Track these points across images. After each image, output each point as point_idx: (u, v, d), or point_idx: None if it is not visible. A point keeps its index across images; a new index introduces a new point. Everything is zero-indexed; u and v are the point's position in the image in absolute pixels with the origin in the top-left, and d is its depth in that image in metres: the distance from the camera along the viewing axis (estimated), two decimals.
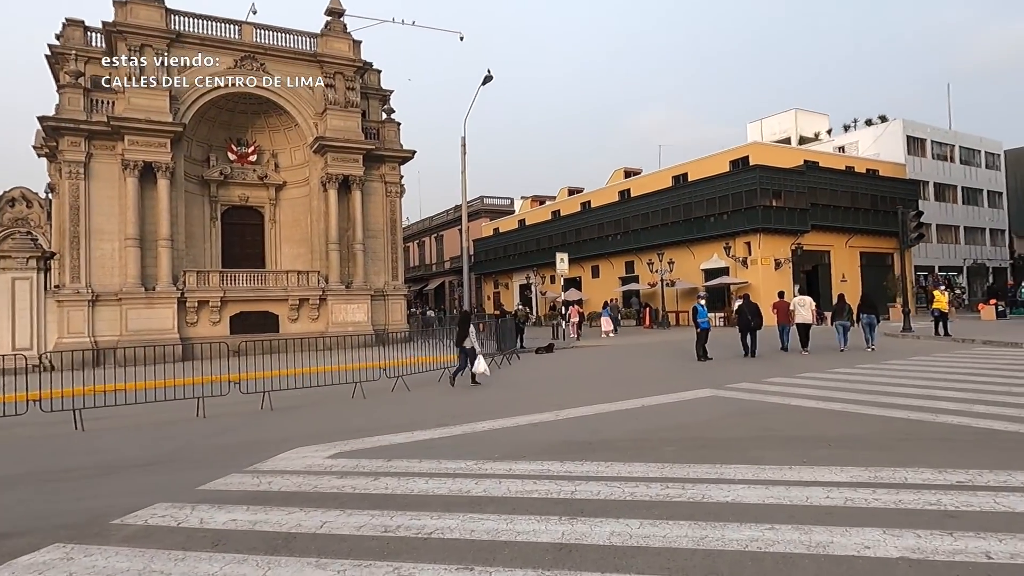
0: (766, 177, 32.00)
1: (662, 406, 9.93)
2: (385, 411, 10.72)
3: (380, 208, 31.84)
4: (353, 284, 29.82)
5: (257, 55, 28.76)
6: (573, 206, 47.33)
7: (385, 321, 30.77)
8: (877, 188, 36.62)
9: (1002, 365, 13.33)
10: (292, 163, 31.54)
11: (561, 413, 9.54)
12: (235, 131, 30.78)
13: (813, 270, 35.17)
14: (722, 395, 10.72)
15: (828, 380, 11.91)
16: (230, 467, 6.85)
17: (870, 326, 18.07)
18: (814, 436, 7.34)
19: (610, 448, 7.14)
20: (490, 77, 23.53)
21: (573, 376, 15.10)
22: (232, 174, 30.44)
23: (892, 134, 41.14)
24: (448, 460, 6.79)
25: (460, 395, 12.40)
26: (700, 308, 16.88)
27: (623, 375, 14.71)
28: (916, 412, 8.43)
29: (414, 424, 9.10)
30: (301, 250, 31.10)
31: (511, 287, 53.67)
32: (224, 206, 30.67)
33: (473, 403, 11.29)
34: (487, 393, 12.56)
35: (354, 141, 29.69)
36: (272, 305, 28.59)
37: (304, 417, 10.42)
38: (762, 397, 10.26)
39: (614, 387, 12.44)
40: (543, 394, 12.08)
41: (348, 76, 30.50)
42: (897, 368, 13.45)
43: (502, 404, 10.93)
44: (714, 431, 7.90)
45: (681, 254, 35.43)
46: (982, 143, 46.24)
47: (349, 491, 5.78)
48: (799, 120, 49.04)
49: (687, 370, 14.92)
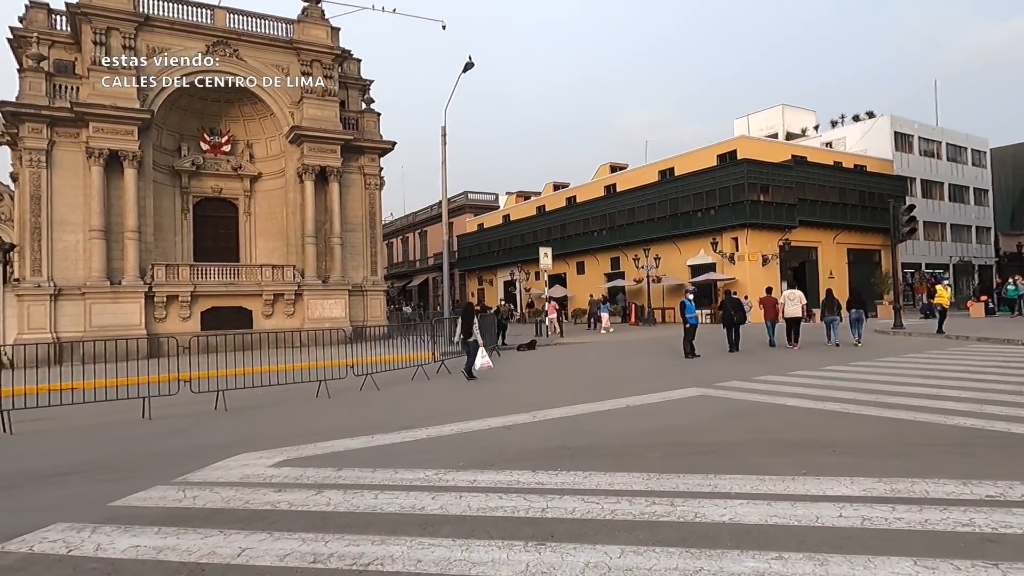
0: (754, 171, 31.42)
1: (648, 406, 9.18)
2: (348, 412, 9.88)
3: (359, 201, 30.89)
4: (330, 279, 28.88)
5: (230, 41, 27.70)
6: (558, 201, 46.59)
7: (364, 317, 29.86)
8: (865, 184, 36.19)
9: (1003, 363, 12.73)
10: (268, 154, 30.51)
11: (539, 414, 8.77)
12: (208, 120, 29.70)
13: (800, 267, 34.67)
14: (712, 394, 10.00)
15: (822, 378, 11.23)
16: (157, 477, 6.01)
17: (858, 321, 17.91)
18: (815, 440, 6.62)
19: (590, 454, 6.38)
20: (471, 64, 22.68)
21: (554, 374, 14.34)
22: (205, 165, 29.36)
23: (879, 130, 40.78)
24: (405, 469, 5.99)
25: (431, 395, 11.60)
26: (688, 303, 16.19)
27: (607, 373, 13.97)
28: (923, 413, 7.74)
29: (376, 427, 8.29)
30: (277, 244, 30.09)
31: (495, 283, 52.86)
32: (196, 198, 29.58)
33: (444, 403, 10.50)
34: (460, 392, 11.78)
35: (331, 131, 28.73)
36: (246, 300, 27.59)
37: (258, 419, 9.57)
38: (754, 396, 9.55)
39: (597, 386, 11.70)
40: (521, 393, 11.30)
41: (326, 64, 29.53)
42: (893, 366, 12.81)
43: (476, 404, 10.15)
44: (705, 434, 7.16)
45: (667, 250, 34.78)
46: (968, 140, 46.04)
47: (284, 507, 4.96)
48: (786, 116, 48.60)
49: (674, 367, 14.21)
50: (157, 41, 26.47)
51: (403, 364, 14.79)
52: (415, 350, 16.51)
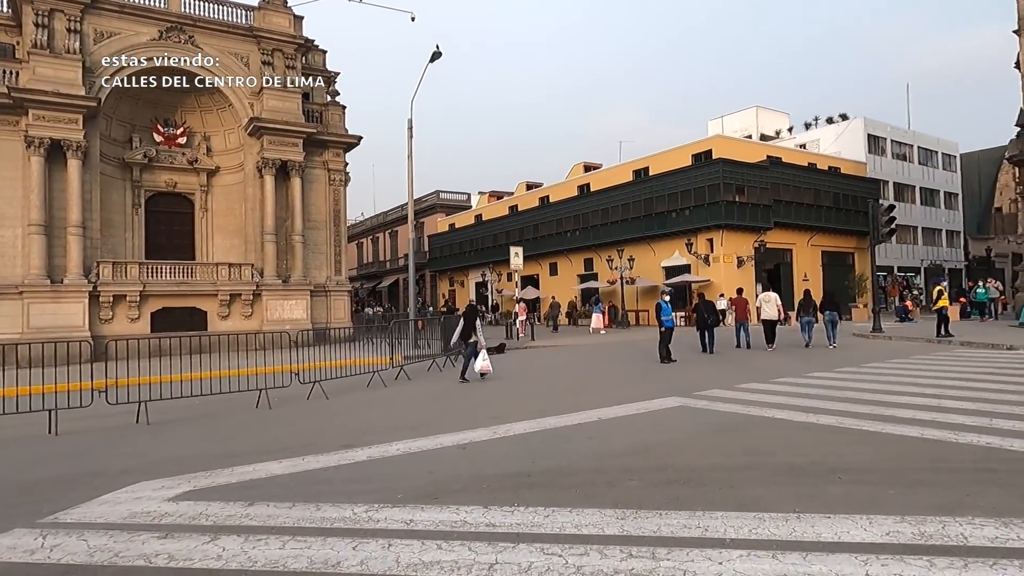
0: (729, 171, 30.83)
1: (623, 419, 8.23)
2: (285, 427, 8.76)
3: (322, 197, 29.59)
4: (291, 278, 27.53)
5: (185, 26, 26.24)
6: (531, 201, 45.67)
7: (327, 319, 28.57)
8: (839, 186, 35.90)
9: (996, 369, 12.07)
10: (226, 147, 29.06)
11: (499, 429, 7.76)
12: (162, 110, 28.15)
13: (775, 268, 34.22)
14: (692, 405, 9.09)
15: (809, 386, 10.40)
16: (22, 516, 4.86)
17: (832, 323, 17.89)
18: (816, 463, 5.71)
19: (555, 483, 5.38)
20: (439, 53, 21.61)
21: (521, 381, 13.34)
22: (158, 157, 27.82)
23: (853, 132, 40.61)
24: (331, 504, 4.93)
25: (383, 405, 10.51)
26: (664, 305, 15.34)
27: (578, 379, 13.03)
28: (929, 428, 6.90)
29: (311, 445, 7.19)
30: (235, 241, 28.64)
31: (467, 284, 51.72)
32: (149, 192, 28.00)
33: (396, 415, 9.42)
34: (415, 402, 10.71)
35: (293, 124, 27.40)
36: (200, 300, 26.12)
37: (179, 435, 8.39)
38: (739, 408, 8.65)
39: (567, 395, 10.73)
40: (482, 403, 10.27)
41: (288, 54, 28.21)
42: (882, 372, 12.07)
43: (431, 416, 9.11)
44: (688, 455, 6.21)
45: (642, 251, 34.05)
46: (939, 144, 46.23)
47: (161, 563, 3.87)
48: (760, 118, 48.32)
49: (650, 373, 13.32)
50: (105, 25, 24.93)
51: (361, 369, 13.66)
52: (378, 354, 15.42)
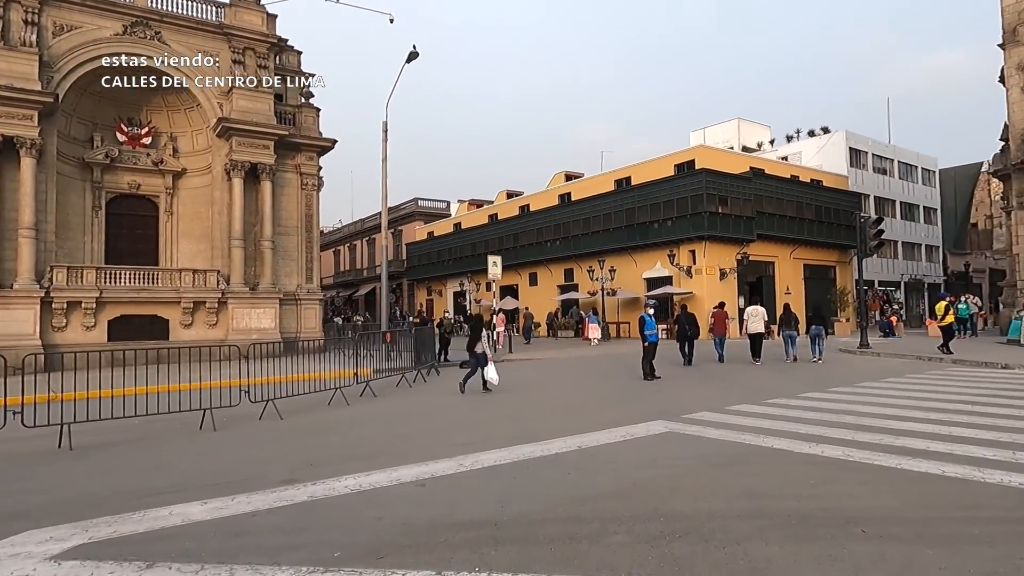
0: (712, 182, 30.33)
1: (606, 449, 7.36)
2: (224, 454, 7.76)
3: (294, 202, 28.50)
4: (260, 286, 26.38)
5: (151, 21, 25.11)
6: (511, 210, 44.90)
7: (297, 328, 27.42)
8: (821, 199, 35.60)
9: (998, 390, 11.43)
10: (194, 148, 27.88)
11: (467, 460, 6.85)
12: (126, 109, 26.93)
13: (757, 281, 33.74)
14: (681, 431, 8.26)
15: (805, 409, 9.64)
16: None
17: (818, 337, 17.76)
18: (831, 511, 4.89)
19: (526, 538, 4.48)
20: (415, 54, 20.77)
21: (495, 399, 12.42)
22: (121, 158, 26.57)
23: (835, 145, 40.46)
24: (248, 567, 3.98)
25: (342, 427, 9.53)
26: (648, 319, 14.55)
27: (556, 398, 12.16)
28: (949, 464, 6.13)
29: (248, 480, 6.23)
30: (201, 246, 27.42)
31: (445, 294, 50.73)
32: (111, 194, 26.72)
33: (353, 440, 8.46)
34: (378, 424, 9.76)
35: (264, 125, 26.33)
36: (162, 308, 24.87)
37: (100, 464, 7.36)
38: (732, 435, 7.84)
39: (544, 416, 9.86)
40: (451, 426, 9.35)
41: (260, 53, 27.19)
42: (878, 392, 11.36)
43: (392, 441, 8.18)
44: (682, 498, 5.36)
45: (623, 262, 33.39)
46: (919, 159, 46.34)
47: None
48: (742, 130, 48.09)
49: (633, 392, 12.50)
50: (66, 18, 23.73)
51: (324, 384, 12.59)
52: (349, 367, 14.44)
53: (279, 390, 11.07)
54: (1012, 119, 25.29)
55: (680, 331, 17.38)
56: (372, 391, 12.95)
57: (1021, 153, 24.41)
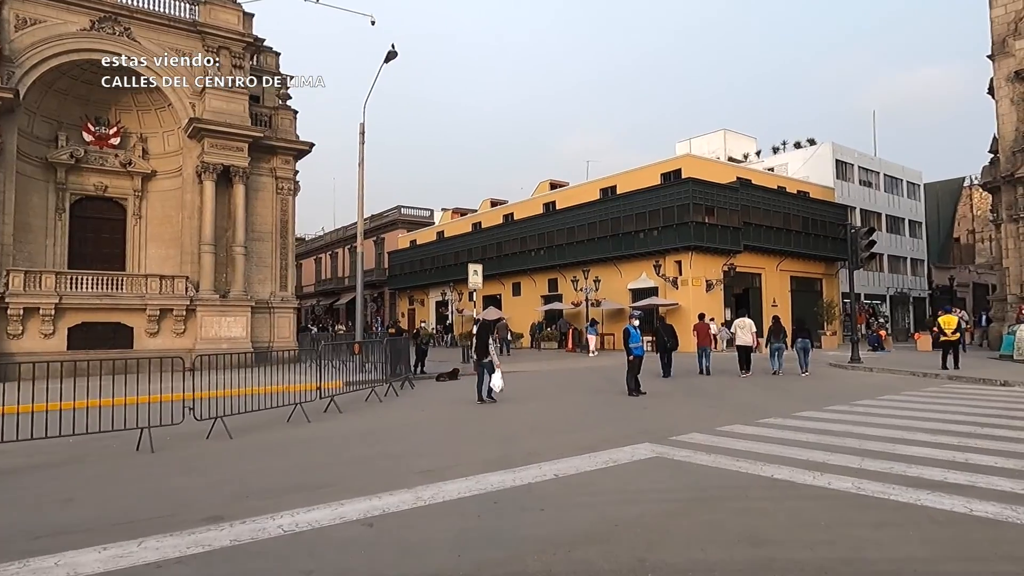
0: (699, 191, 29.75)
1: (586, 478, 6.53)
2: (151, 482, 6.80)
3: (269, 206, 27.53)
4: (231, 293, 25.32)
5: (120, 17, 24.13)
6: (495, 218, 44.13)
7: (270, 338, 26.42)
8: (808, 210, 35.19)
9: (1003, 410, 10.76)
10: (165, 149, 26.84)
11: (427, 491, 5.99)
12: (94, 107, 25.88)
13: (744, 293, 33.18)
14: (670, 455, 7.45)
15: (802, 431, 8.88)
16: None
17: (804, 351, 17.65)
18: (852, 563, 4.09)
19: None
20: (394, 53, 19.99)
21: (468, 416, 11.56)
22: (87, 158, 25.47)
23: (821, 157, 40.17)
24: None
25: (294, 448, 8.61)
26: (632, 331, 13.78)
27: (535, 416, 11.30)
28: (974, 500, 5.37)
29: (168, 517, 5.32)
30: (171, 252, 26.31)
31: (427, 303, 49.79)
32: (75, 196, 25.58)
33: (304, 464, 7.54)
34: (335, 444, 8.84)
35: (238, 126, 25.37)
36: (126, 316, 23.73)
37: (8, 495, 6.38)
38: (726, 461, 7.05)
39: (519, 437, 9.01)
40: (416, 448, 8.47)
41: (235, 52, 26.28)
42: (877, 412, 10.64)
43: (347, 467, 7.29)
44: (673, 545, 4.53)
45: (608, 272, 32.71)
46: (904, 172, 46.23)
47: None
48: (728, 141, 47.74)
49: (617, 409, 11.68)
50: (30, 11, 22.71)
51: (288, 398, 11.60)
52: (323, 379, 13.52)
53: (236, 405, 10.15)
54: (1001, 131, 24.97)
55: (659, 342, 17.32)
56: (337, 407, 12.03)
57: (1011, 165, 24.05)
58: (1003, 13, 24.73)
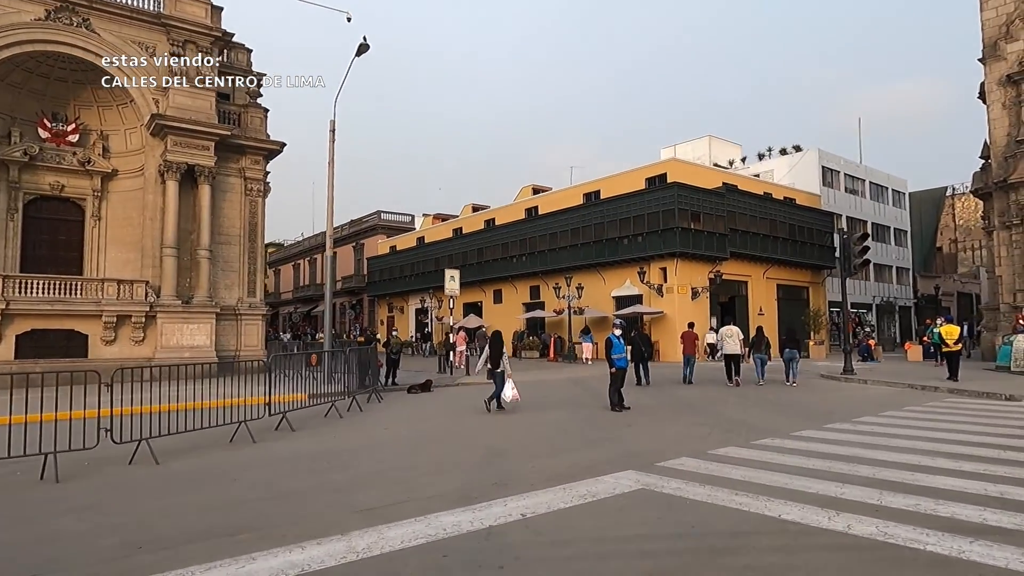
0: (685, 196, 28.93)
1: (558, 519, 5.47)
2: (28, 526, 5.62)
3: (237, 209, 26.27)
4: (194, 299, 23.99)
5: (79, 8, 22.83)
6: (476, 224, 43.06)
7: (237, 346, 25.13)
8: (795, 217, 34.55)
9: (1015, 427, 9.86)
10: (127, 148, 25.53)
11: (364, 538, 4.90)
12: (51, 103, 24.57)
13: (730, 301, 32.37)
14: (658, 487, 6.41)
15: (804, 455, 7.89)
16: None
17: (792, 361, 17.19)
18: None
19: None
20: (366, 46, 18.92)
21: (433, 435, 10.46)
22: (43, 156, 24.10)
23: (807, 163, 39.63)
24: None
25: (222, 476, 7.45)
26: (615, 341, 12.75)
27: (507, 434, 10.21)
28: None
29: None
30: (132, 255, 24.94)
31: (407, 311, 48.54)
32: (29, 195, 24.18)
33: (229, 499, 6.39)
34: (277, 471, 7.68)
35: (203, 123, 24.12)
36: (80, 322, 22.36)
37: None
38: (723, 495, 6.02)
39: (485, 463, 7.92)
40: (364, 477, 7.35)
41: (202, 46, 25.05)
42: (882, 430, 9.69)
43: (275, 503, 6.16)
44: None
45: (591, 279, 31.76)
46: (890, 180, 45.87)
47: None
48: (713, 147, 47.12)
49: (599, 426, 10.63)
50: None
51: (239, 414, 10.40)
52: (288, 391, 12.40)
53: (177, 422, 8.99)
54: (993, 136, 24.38)
55: (635, 351, 16.66)
56: (289, 424, 10.86)
57: (1003, 171, 23.44)
58: (994, 16, 24.19)
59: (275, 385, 12.72)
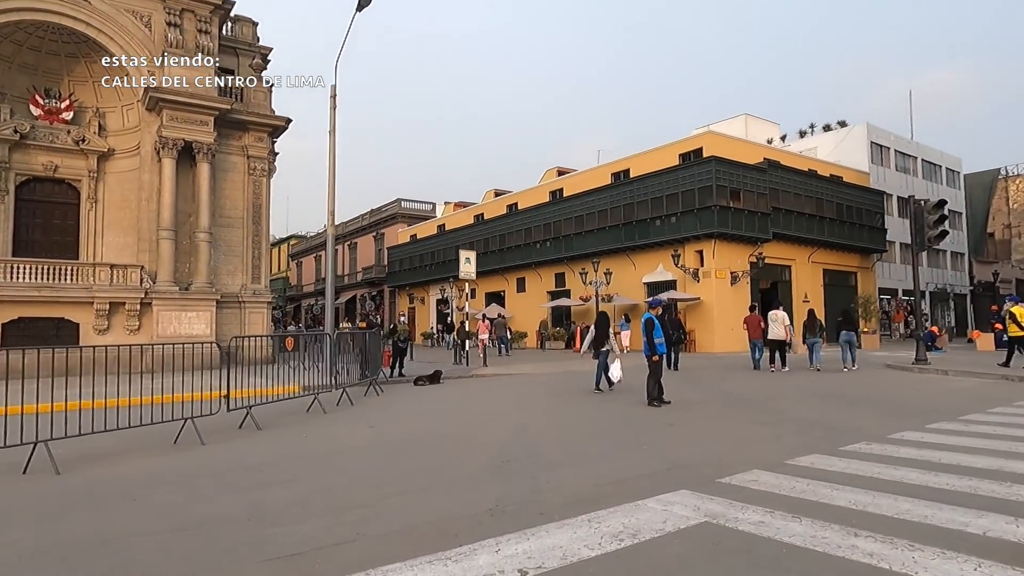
0: (723, 172, 26.46)
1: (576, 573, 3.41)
2: None
3: (239, 189, 24.62)
4: (193, 285, 22.41)
5: None
6: (498, 209, 40.98)
7: (240, 335, 23.43)
8: (842, 196, 31.80)
9: None
10: (124, 126, 24.06)
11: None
12: (43, 78, 23.21)
13: (772, 287, 29.80)
14: (725, 522, 4.29)
15: (916, 466, 5.69)
16: None
17: (849, 344, 16.41)
18: None
19: None
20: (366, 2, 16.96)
21: (436, 439, 8.44)
22: (35, 134, 22.74)
23: (855, 139, 36.70)
24: None
25: (119, 504, 5.53)
26: (655, 320, 10.60)
27: (521, 439, 8.12)
28: None
29: None
30: (130, 239, 23.47)
31: (428, 301, 46.75)
32: (22, 176, 22.85)
33: (108, 533, 4.43)
34: (199, 487, 5.73)
35: (201, 97, 22.48)
36: (72, 310, 20.92)
37: None
38: (837, 537, 3.89)
39: (481, 476, 5.89)
40: (313, 496, 5.33)
41: (201, 16, 23.41)
42: (1002, 432, 7.42)
43: (164, 541, 4.18)
44: None
45: (620, 264, 29.49)
46: (943, 158, 42.61)
47: None
48: (749, 127, 44.20)
49: (636, 428, 8.51)
50: None
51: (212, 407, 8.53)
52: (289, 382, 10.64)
53: (118, 418, 7.19)
54: None
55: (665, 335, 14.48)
56: (255, 421, 8.95)
57: None
58: None
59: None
